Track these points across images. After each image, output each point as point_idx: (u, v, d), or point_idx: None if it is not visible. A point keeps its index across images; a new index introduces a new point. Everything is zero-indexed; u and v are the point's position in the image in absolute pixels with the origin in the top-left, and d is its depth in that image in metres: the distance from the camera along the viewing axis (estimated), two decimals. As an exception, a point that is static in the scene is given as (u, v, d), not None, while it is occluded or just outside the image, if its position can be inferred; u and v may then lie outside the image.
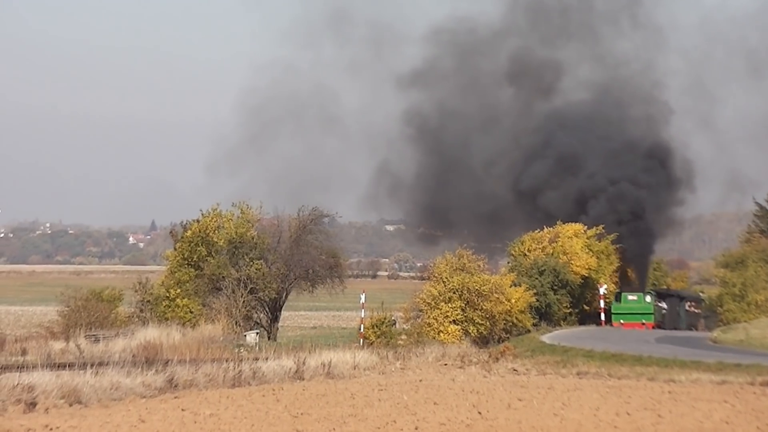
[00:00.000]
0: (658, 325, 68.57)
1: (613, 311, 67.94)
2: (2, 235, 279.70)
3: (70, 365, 28.70)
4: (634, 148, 78.79)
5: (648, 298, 69.36)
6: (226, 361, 32.85)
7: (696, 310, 75.76)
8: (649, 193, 75.53)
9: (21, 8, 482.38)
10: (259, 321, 60.81)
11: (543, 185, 79.23)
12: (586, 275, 66.92)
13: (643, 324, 66.95)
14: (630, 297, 69.18)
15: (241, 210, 62.45)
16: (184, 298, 58.45)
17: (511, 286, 59.19)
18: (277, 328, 62.43)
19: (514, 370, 35.35)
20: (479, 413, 22.90)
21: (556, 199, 77.67)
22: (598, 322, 66.06)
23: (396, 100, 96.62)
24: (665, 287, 78.76)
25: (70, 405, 24.06)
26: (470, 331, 56.09)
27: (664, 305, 71.24)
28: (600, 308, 65.63)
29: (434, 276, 58.46)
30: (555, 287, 63.85)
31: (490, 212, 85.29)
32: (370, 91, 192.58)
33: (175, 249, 62.43)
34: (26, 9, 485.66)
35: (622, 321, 67.04)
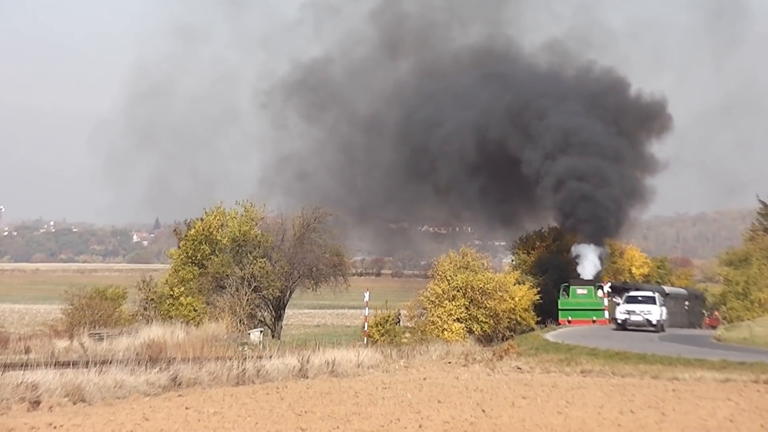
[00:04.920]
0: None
1: (559, 307, 60.33)
2: (6, 233, 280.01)
3: (74, 363, 28.74)
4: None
5: (600, 293, 61.38)
6: (230, 359, 32.84)
7: None
8: (602, 176, 64.16)
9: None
10: (263, 319, 60.87)
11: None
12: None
13: (594, 321, 59.93)
14: (579, 291, 61.06)
15: (245, 208, 62.53)
16: (188, 296, 58.49)
17: (514, 284, 59.24)
18: (281, 327, 62.48)
19: (518, 368, 35.30)
20: (483, 411, 22.89)
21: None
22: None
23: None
24: (623, 280, 70.29)
25: (74, 403, 24.07)
26: (474, 329, 56.17)
27: (619, 300, 62.31)
28: (605, 307, 64.08)
29: (438, 274, 58.54)
30: (559, 285, 63.63)
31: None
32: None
33: (178, 247, 62.54)
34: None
35: (570, 318, 59.62)
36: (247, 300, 57.60)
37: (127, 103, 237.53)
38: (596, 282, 62.30)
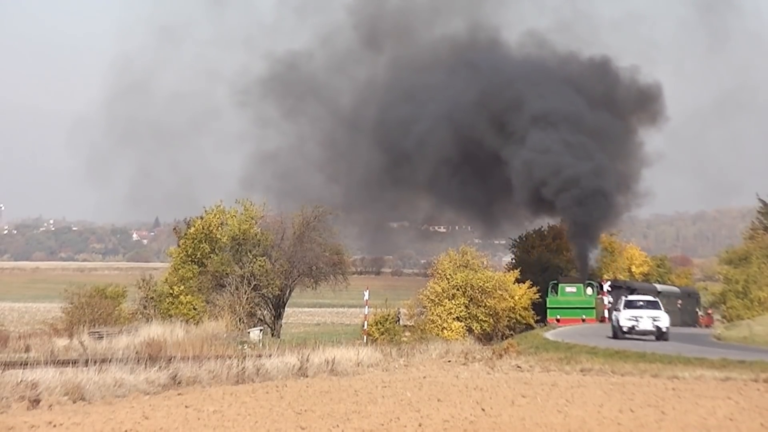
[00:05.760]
0: (602, 322, 59.67)
1: (548, 305, 59.72)
2: (6, 231, 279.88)
3: (74, 362, 28.72)
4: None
5: (589, 291, 60.58)
6: (230, 358, 32.84)
7: None
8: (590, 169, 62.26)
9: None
10: (262, 318, 60.89)
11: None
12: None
13: (584, 320, 58.91)
14: (568, 289, 60.24)
15: (245, 207, 62.51)
16: (187, 294, 58.52)
17: (514, 283, 59.23)
18: (281, 325, 62.51)
19: (518, 367, 35.29)
20: (483, 410, 22.86)
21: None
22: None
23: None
24: (615, 277, 68.82)
25: (74, 402, 24.05)
26: (474, 327, 56.22)
27: (609, 299, 61.55)
28: (604, 306, 63.67)
29: (438, 273, 58.55)
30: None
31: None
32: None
33: (178, 246, 62.53)
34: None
35: (558, 317, 58.72)
36: (247, 298, 57.61)
37: (107, 100, 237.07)
38: (585, 279, 61.17)
